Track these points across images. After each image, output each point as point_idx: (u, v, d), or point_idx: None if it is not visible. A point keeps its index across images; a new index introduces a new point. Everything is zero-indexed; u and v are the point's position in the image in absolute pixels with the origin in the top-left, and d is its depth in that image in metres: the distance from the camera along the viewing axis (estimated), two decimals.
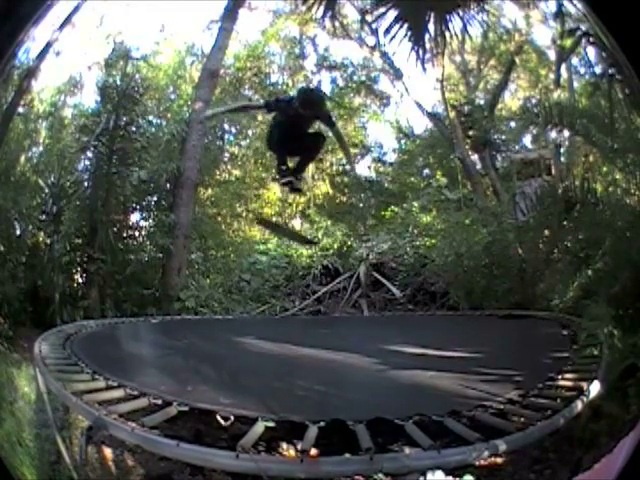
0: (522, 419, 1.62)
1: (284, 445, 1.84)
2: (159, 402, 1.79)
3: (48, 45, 4.40)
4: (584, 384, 1.83)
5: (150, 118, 6.12)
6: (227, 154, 8.13)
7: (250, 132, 8.44)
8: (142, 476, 2.01)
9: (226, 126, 8.02)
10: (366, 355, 2.76)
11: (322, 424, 1.57)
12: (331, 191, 8.34)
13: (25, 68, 4.21)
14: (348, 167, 3.73)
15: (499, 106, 7.25)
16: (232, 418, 1.60)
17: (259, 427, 1.55)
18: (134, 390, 1.92)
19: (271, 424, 1.61)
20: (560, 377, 2.01)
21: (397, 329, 4.19)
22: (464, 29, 4.28)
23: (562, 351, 2.43)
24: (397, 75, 7.31)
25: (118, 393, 1.93)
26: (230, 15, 6.23)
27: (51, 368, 2.18)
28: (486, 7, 4.75)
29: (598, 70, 4.28)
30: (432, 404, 1.81)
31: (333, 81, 8.69)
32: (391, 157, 9.01)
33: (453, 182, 6.81)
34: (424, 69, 5.39)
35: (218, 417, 1.61)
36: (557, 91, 5.86)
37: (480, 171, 6.67)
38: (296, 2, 7.28)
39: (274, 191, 8.15)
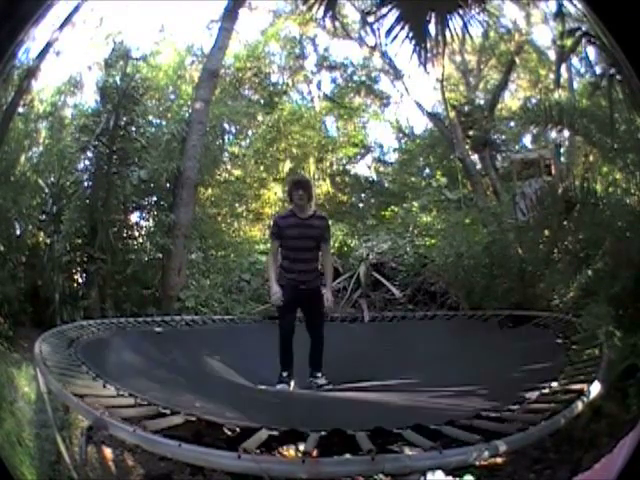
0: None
1: (285, 446, 1.84)
2: (167, 412, 1.78)
3: (48, 45, 4.41)
4: (584, 384, 1.83)
5: (150, 118, 6.13)
6: (227, 154, 8.14)
7: (250, 132, 8.46)
8: (142, 476, 2.01)
9: (226, 126, 8.04)
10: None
11: (323, 433, 1.57)
12: (331, 190, 8.36)
13: (25, 68, 4.22)
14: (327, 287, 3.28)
15: (499, 106, 7.26)
16: (238, 430, 1.61)
17: (262, 434, 1.55)
18: (143, 401, 1.91)
19: (275, 433, 1.61)
20: (559, 381, 2.01)
21: (393, 339, 4.16)
22: (464, 29, 4.29)
23: (558, 360, 2.43)
24: (397, 75, 7.33)
25: (122, 400, 1.92)
26: (230, 15, 6.23)
27: (51, 368, 2.18)
28: (486, 7, 4.75)
29: (598, 70, 4.29)
30: (429, 415, 1.81)
31: (333, 81, 8.72)
32: (391, 157, 9.04)
33: (453, 182, 6.82)
34: (426, 70, 5.41)
35: (225, 429, 1.61)
36: (557, 91, 5.87)
37: (480, 171, 6.68)
38: (296, 2, 7.29)
39: (274, 191, 8.17)
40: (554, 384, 1.99)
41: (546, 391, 1.95)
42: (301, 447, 1.53)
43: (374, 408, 2.28)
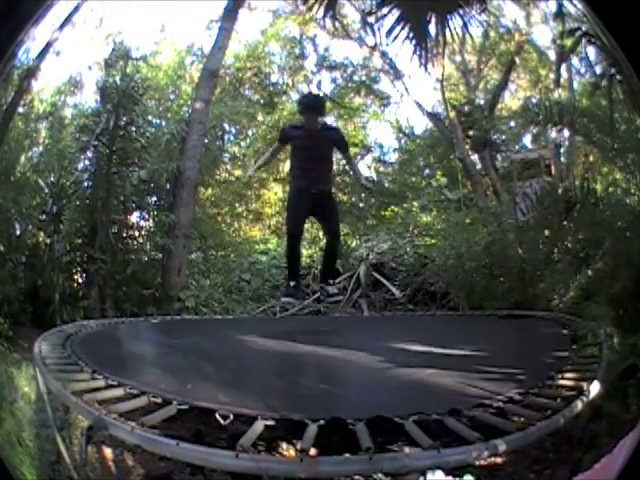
0: (522, 419, 1.62)
1: (284, 445, 1.84)
2: (159, 401, 1.79)
3: (48, 45, 4.41)
4: (584, 384, 1.82)
5: (150, 118, 6.12)
6: (227, 154, 8.13)
7: (250, 132, 8.45)
8: (142, 476, 2.02)
9: (226, 126, 8.03)
10: (366, 353, 2.75)
11: (322, 422, 1.57)
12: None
13: (25, 68, 4.22)
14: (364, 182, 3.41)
15: (499, 106, 7.25)
16: (231, 417, 1.60)
17: (258, 426, 1.55)
18: (133, 389, 1.91)
19: (271, 422, 1.61)
20: (560, 377, 2.01)
21: (397, 328, 4.18)
22: (464, 29, 4.29)
23: (562, 350, 2.42)
24: (397, 75, 7.32)
25: (118, 392, 1.93)
26: (230, 15, 6.22)
27: (51, 368, 2.18)
28: (487, 7, 4.76)
29: (598, 70, 4.29)
30: (432, 402, 1.81)
31: (333, 81, 8.71)
32: (391, 157, 9.03)
33: (453, 182, 6.81)
34: (426, 70, 5.42)
35: (217, 416, 1.61)
36: (557, 91, 5.87)
37: (480, 171, 6.68)
38: (296, 2, 7.29)
39: (274, 191, 8.17)
40: (557, 379, 1.98)
41: (549, 383, 1.95)
42: (299, 444, 1.52)
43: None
